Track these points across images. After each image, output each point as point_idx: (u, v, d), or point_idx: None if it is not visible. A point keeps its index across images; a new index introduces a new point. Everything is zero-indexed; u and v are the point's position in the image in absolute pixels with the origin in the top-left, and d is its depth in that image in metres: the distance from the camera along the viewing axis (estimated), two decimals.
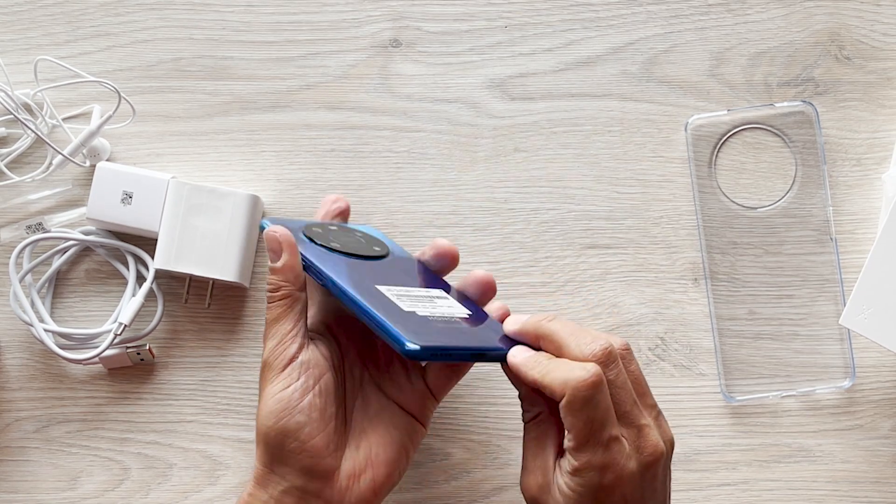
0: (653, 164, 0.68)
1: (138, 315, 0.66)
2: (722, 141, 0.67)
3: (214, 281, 0.67)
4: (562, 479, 0.53)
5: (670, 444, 0.55)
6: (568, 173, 0.68)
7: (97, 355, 0.65)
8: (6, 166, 0.68)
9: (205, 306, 0.68)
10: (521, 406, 0.56)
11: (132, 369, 0.68)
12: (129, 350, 0.66)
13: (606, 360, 0.53)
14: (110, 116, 0.67)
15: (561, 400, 0.52)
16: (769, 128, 0.67)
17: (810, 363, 0.66)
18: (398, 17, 0.69)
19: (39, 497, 0.67)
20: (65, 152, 0.66)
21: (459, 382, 0.61)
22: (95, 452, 0.68)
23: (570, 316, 0.67)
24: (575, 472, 0.52)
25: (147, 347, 0.67)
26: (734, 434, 0.66)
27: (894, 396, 0.66)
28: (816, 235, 0.66)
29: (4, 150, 0.69)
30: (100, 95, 0.69)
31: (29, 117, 0.67)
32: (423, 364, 0.60)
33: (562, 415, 0.52)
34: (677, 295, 0.67)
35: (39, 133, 0.66)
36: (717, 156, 0.67)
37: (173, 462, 0.67)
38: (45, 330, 0.66)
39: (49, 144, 0.66)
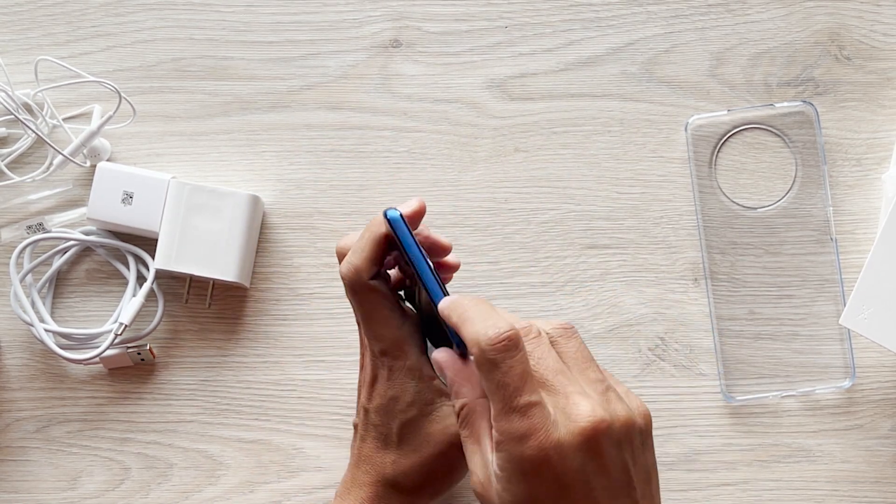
0: (653, 164, 0.68)
1: (139, 315, 0.66)
2: (722, 141, 0.67)
3: (215, 281, 0.67)
4: (494, 463, 0.49)
5: (625, 420, 0.49)
6: (568, 173, 0.68)
7: (98, 355, 0.65)
8: (7, 166, 0.68)
9: (205, 306, 0.68)
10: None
11: (132, 369, 0.68)
12: (129, 350, 0.67)
13: (508, 343, 0.49)
14: (111, 116, 0.67)
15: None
16: (769, 128, 0.67)
17: (810, 363, 0.66)
18: (398, 17, 0.69)
19: (39, 497, 0.67)
20: (65, 152, 0.66)
21: None
22: (95, 452, 0.68)
23: (570, 316, 0.67)
24: (498, 447, 0.48)
25: (147, 347, 0.67)
26: (734, 434, 0.66)
27: (894, 396, 0.66)
28: (816, 235, 0.66)
29: (5, 150, 0.69)
30: (100, 95, 0.69)
31: (29, 117, 0.67)
32: None
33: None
34: (677, 295, 0.67)
35: (40, 133, 0.66)
36: (717, 156, 0.67)
37: (173, 462, 0.67)
38: (46, 330, 0.66)
39: (49, 144, 0.66)
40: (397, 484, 0.58)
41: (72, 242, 0.68)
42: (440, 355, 0.52)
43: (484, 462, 0.50)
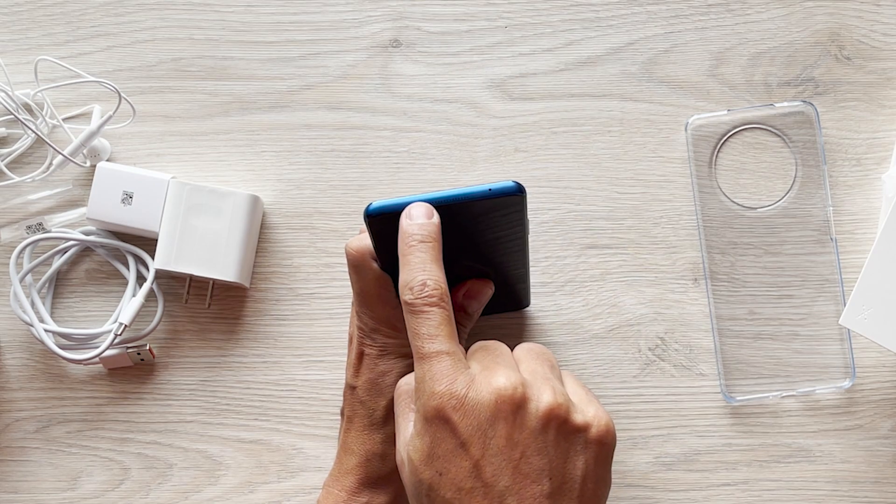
0: (653, 164, 0.68)
1: (138, 315, 0.66)
2: (722, 141, 0.67)
3: (214, 281, 0.67)
4: (411, 427, 0.51)
5: (552, 405, 0.49)
6: (568, 173, 0.68)
7: (97, 355, 0.65)
8: (6, 166, 0.68)
9: (205, 306, 0.68)
10: None
11: (132, 369, 0.68)
12: (129, 350, 0.67)
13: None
14: (110, 116, 0.67)
15: None
16: (769, 128, 0.67)
17: (810, 363, 0.66)
18: (398, 17, 0.69)
19: (39, 497, 0.67)
20: (65, 152, 0.66)
21: None
22: (95, 452, 0.68)
23: (570, 316, 0.67)
24: (415, 399, 0.50)
25: (147, 347, 0.67)
26: (734, 434, 0.66)
27: (894, 396, 0.66)
28: (816, 235, 0.66)
29: (5, 150, 0.69)
30: (100, 95, 0.69)
31: (29, 117, 0.67)
32: None
33: None
34: (677, 295, 0.67)
35: (40, 133, 0.66)
36: (717, 156, 0.67)
37: (173, 462, 0.67)
38: (46, 330, 0.66)
39: (49, 144, 0.66)
40: (387, 456, 0.59)
41: (72, 242, 0.68)
42: (404, 223, 0.52)
43: (405, 434, 0.51)
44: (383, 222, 0.53)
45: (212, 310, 0.68)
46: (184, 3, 0.69)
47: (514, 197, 0.52)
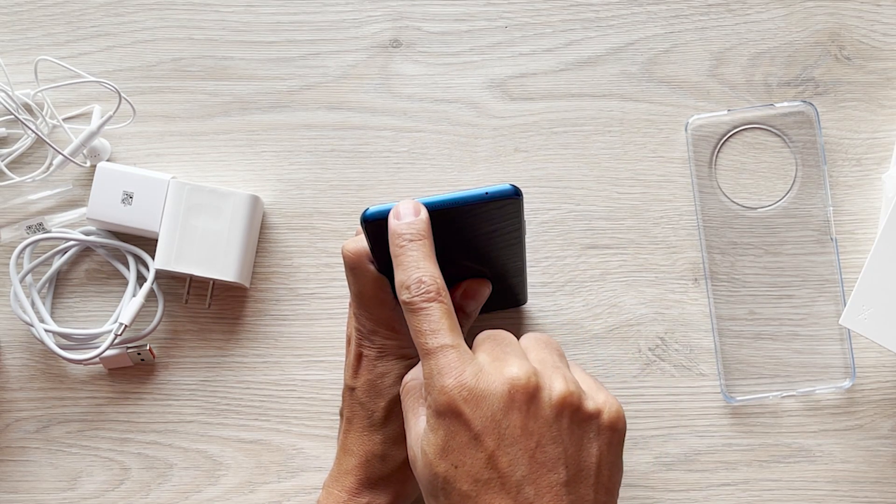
0: (653, 164, 0.68)
1: (139, 315, 0.66)
2: (722, 141, 0.67)
3: (215, 281, 0.67)
4: (421, 423, 0.51)
5: (564, 394, 0.50)
6: (568, 173, 0.68)
7: (97, 355, 0.65)
8: (6, 166, 0.68)
9: (205, 306, 0.68)
10: None
11: (132, 369, 0.68)
12: (129, 350, 0.67)
13: None
14: (111, 117, 0.67)
15: None
16: (769, 128, 0.67)
17: (810, 363, 0.66)
18: (398, 17, 0.69)
19: (39, 497, 0.68)
20: (65, 152, 0.66)
21: None
22: (95, 452, 0.68)
23: (570, 316, 0.67)
24: (425, 395, 0.50)
25: (147, 347, 0.67)
26: (734, 434, 0.66)
27: (894, 396, 0.66)
28: (816, 235, 0.66)
29: (5, 151, 0.69)
30: (100, 95, 0.69)
31: (29, 117, 0.67)
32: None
33: None
34: (677, 295, 0.67)
35: (40, 133, 0.66)
36: (717, 156, 0.67)
37: (173, 462, 0.67)
38: (46, 330, 0.66)
39: (49, 145, 0.66)
40: (386, 457, 0.59)
41: (72, 242, 0.68)
42: (393, 223, 0.52)
43: (417, 430, 0.51)
44: (381, 227, 0.53)
45: (212, 310, 0.68)
46: (184, 3, 0.69)
47: (510, 199, 0.52)
